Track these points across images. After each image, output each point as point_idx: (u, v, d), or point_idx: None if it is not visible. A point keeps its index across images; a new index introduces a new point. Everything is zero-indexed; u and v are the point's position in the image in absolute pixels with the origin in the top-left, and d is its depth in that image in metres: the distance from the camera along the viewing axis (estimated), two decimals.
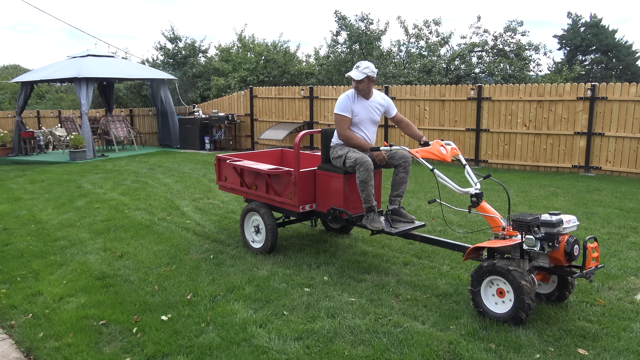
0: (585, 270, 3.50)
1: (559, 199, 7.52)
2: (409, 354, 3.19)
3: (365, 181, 4.44)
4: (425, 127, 11.56)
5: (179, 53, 21.94)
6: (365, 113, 4.75)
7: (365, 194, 4.50)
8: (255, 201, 5.29)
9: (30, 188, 9.17)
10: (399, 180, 4.67)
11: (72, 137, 13.36)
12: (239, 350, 3.28)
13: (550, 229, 3.48)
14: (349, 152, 4.61)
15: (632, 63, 32.90)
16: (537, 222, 3.54)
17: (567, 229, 3.56)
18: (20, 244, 5.70)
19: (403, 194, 4.73)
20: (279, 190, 5.01)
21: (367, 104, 4.76)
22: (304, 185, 4.84)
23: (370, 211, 4.53)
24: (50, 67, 14.76)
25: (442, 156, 4.25)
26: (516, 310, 3.46)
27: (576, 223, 3.66)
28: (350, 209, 4.71)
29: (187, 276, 4.57)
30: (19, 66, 43.76)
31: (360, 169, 4.44)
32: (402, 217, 4.67)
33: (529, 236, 3.51)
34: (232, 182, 5.61)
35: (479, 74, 17.08)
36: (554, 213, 3.55)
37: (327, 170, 4.82)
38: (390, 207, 4.73)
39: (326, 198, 4.86)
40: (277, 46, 20.56)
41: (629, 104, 9.21)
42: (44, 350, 3.39)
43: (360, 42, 18.01)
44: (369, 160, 4.46)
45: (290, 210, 4.98)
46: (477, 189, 4.01)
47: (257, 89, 14.71)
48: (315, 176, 4.94)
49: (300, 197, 4.83)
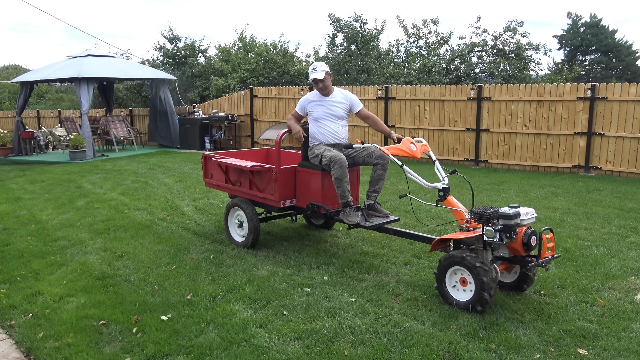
0: (541, 259, 3.73)
1: (559, 199, 7.52)
2: (409, 354, 3.19)
3: (340, 178, 4.67)
4: (425, 127, 11.56)
5: (178, 53, 21.95)
6: (322, 110, 5.05)
7: (341, 190, 4.72)
8: (239, 197, 5.52)
9: (30, 188, 9.17)
10: (376, 177, 4.90)
11: (72, 137, 13.36)
12: (239, 350, 3.28)
13: (507, 221, 3.67)
14: (325, 151, 4.85)
15: (632, 63, 32.90)
16: (496, 214, 3.72)
17: (524, 221, 3.75)
18: (20, 244, 5.70)
19: (380, 190, 4.95)
20: (261, 186, 5.24)
21: (326, 101, 5.07)
22: (284, 182, 5.08)
23: (346, 206, 4.75)
24: (50, 67, 14.76)
25: (412, 153, 4.49)
26: (477, 298, 3.65)
27: (534, 215, 3.84)
28: (328, 204, 4.94)
29: (187, 276, 4.57)
30: (19, 66, 43.76)
31: (334, 167, 4.67)
32: (377, 212, 4.88)
33: (489, 228, 3.67)
34: (218, 179, 5.83)
35: (479, 74, 17.08)
36: (513, 206, 3.74)
37: (306, 167, 5.06)
38: (367, 202, 4.93)
39: (306, 194, 5.08)
40: (277, 46, 20.57)
41: (629, 104, 9.21)
42: (44, 350, 3.39)
43: (356, 43, 18.01)
44: (343, 158, 4.69)
45: (272, 205, 5.22)
46: (444, 184, 4.22)
47: (257, 89, 14.71)
48: (295, 173, 5.17)
49: (281, 193, 5.05)
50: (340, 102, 5.08)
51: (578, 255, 4.95)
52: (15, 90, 27.25)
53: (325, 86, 5.02)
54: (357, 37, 17.76)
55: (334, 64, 18.62)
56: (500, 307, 3.81)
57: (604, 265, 4.66)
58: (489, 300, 3.63)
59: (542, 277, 4.39)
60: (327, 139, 5.03)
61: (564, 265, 4.69)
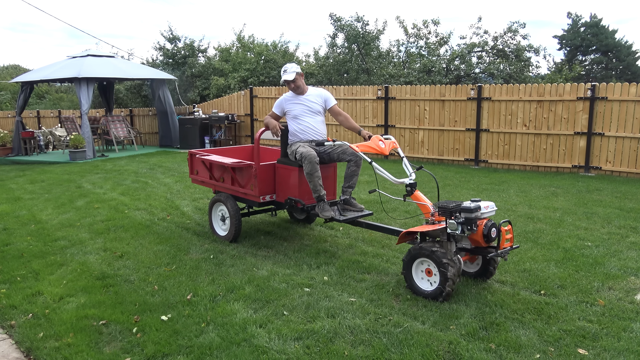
0: (500, 250, 3.95)
1: (559, 199, 7.52)
2: (409, 354, 3.19)
3: (311, 173, 4.87)
4: (425, 127, 11.56)
5: (178, 53, 21.95)
6: (300, 107, 5.29)
7: (313, 185, 4.92)
8: (222, 192, 5.73)
9: (30, 188, 9.17)
10: (350, 173, 5.13)
11: (72, 137, 13.36)
12: (239, 350, 3.28)
13: (469, 214, 3.86)
14: (298, 147, 5.06)
15: (632, 63, 32.89)
16: (458, 208, 3.91)
17: (485, 214, 3.96)
18: (20, 244, 5.70)
19: (354, 186, 5.19)
20: (243, 182, 5.43)
21: (302, 99, 5.31)
22: (264, 178, 5.28)
23: (320, 200, 4.94)
24: (50, 67, 14.76)
25: (380, 150, 4.65)
26: (441, 287, 3.85)
27: (494, 209, 4.05)
28: (305, 199, 5.14)
29: (187, 276, 4.57)
30: (19, 66, 43.77)
31: (305, 162, 4.88)
32: (352, 207, 5.11)
33: (452, 221, 3.87)
34: (203, 175, 6.05)
35: (479, 74, 17.08)
36: (474, 200, 3.95)
37: (284, 163, 5.26)
38: (342, 197, 5.18)
39: (284, 189, 5.29)
40: (277, 46, 20.56)
41: (629, 104, 9.21)
42: (44, 350, 3.39)
43: (357, 43, 18.01)
44: (313, 154, 4.88)
45: (252, 200, 5.43)
46: (411, 179, 4.40)
47: (257, 89, 14.71)
48: (274, 169, 5.37)
49: (261, 188, 5.26)
50: (316, 98, 5.33)
51: (578, 255, 4.95)
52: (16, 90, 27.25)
53: (297, 86, 5.28)
54: (358, 37, 17.76)
55: (334, 64, 18.62)
56: (500, 307, 3.81)
57: (604, 265, 4.66)
58: (451, 291, 3.85)
59: (542, 277, 4.40)
60: (307, 136, 5.22)
61: (564, 265, 4.69)
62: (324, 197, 4.94)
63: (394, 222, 6.04)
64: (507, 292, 4.09)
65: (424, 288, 4.01)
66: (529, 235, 5.65)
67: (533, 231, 5.79)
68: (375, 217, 6.03)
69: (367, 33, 17.83)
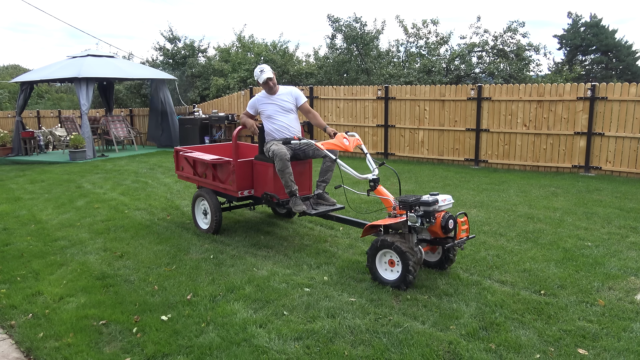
0: (457, 240, 4.21)
1: (559, 199, 7.52)
2: (409, 354, 3.19)
3: (282, 170, 5.08)
4: (425, 127, 11.56)
5: (177, 53, 21.95)
6: (273, 106, 5.51)
7: (284, 181, 5.13)
8: (204, 188, 6.02)
9: (30, 188, 9.17)
10: (325, 169, 5.41)
11: (72, 137, 13.36)
12: (239, 350, 3.28)
13: (427, 207, 4.09)
14: (271, 145, 5.26)
15: (632, 63, 32.89)
16: (417, 201, 4.14)
17: (442, 207, 4.21)
18: (20, 244, 5.70)
19: (328, 181, 5.44)
20: (222, 178, 5.71)
21: (274, 98, 5.54)
22: (242, 173, 5.54)
23: (292, 195, 5.15)
24: (50, 67, 14.75)
25: (344, 147, 4.86)
26: (403, 277, 4.08)
27: (451, 202, 4.30)
28: (280, 194, 5.34)
29: (187, 276, 4.57)
30: (19, 66, 43.77)
31: (276, 160, 5.09)
32: (325, 201, 5.38)
33: (411, 214, 4.11)
34: (187, 171, 6.34)
35: (479, 74, 17.07)
36: (433, 194, 4.20)
37: (261, 160, 5.50)
38: (316, 191, 5.44)
39: (261, 184, 5.54)
40: (277, 46, 20.55)
41: (629, 104, 9.21)
42: (44, 350, 3.39)
43: (356, 44, 18.00)
44: (284, 152, 5.07)
45: (231, 195, 5.69)
46: (374, 175, 4.59)
47: (257, 89, 14.70)
48: (252, 165, 5.61)
49: (239, 184, 5.52)
50: (287, 97, 5.57)
51: (578, 255, 4.95)
52: (15, 90, 27.24)
53: (275, 84, 5.51)
54: (357, 37, 17.75)
55: (333, 64, 18.61)
56: (500, 307, 3.81)
57: (604, 265, 4.66)
58: (413, 280, 4.09)
59: (542, 277, 4.40)
60: (281, 134, 5.41)
61: (564, 265, 4.69)
62: (296, 192, 5.16)
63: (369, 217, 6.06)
64: (507, 292, 4.09)
65: (387, 278, 4.23)
66: (529, 235, 5.65)
67: (533, 231, 5.79)
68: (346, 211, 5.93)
69: (366, 33, 17.82)
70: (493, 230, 5.83)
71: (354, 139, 4.99)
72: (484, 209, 6.85)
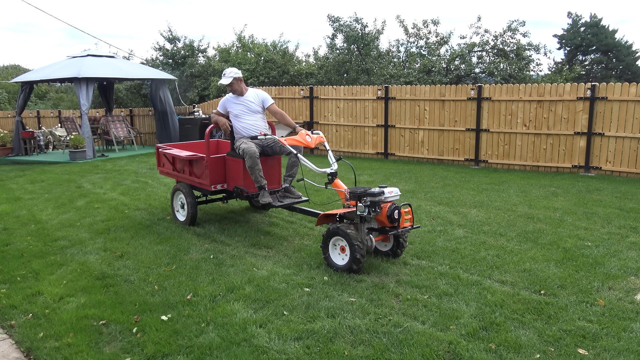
0: (400, 229, 4.53)
1: (559, 199, 7.52)
2: (409, 354, 3.19)
3: (252, 166, 5.47)
4: (425, 127, 11.56)
5: (177, 53, 21.95)
6: (240, 107, 5.91)
7: (254, 176, 5.51)
8: (182, 182, 6.40)
9: (30, 188, 9.17)
10: (290, 164, 5.78)
11: (72, 137, 13.36)
12: (239, 350, 3.28)
13: (373, 198, 4.42)
14: (241, 143, 5.64)
15: (632, 63, 32.90)
16: (365, 193, 4.47)
17: (389, 198, 4.52)
18: (20, 244, 5.70)
19: (294, 175, 5.82)
20: (198, 173, 6.08)
21: (242, 100, 5.93)
22: (214, 169, 5.91)
23: (261, 189, 5.53)
24: (50, 67, 14.75)
25: (306, 143, 5.21)
26: (351, 262, 4.39)
27: (398, 194, 4.63)
28: (250, 188, 5.75)
29: (187, 276, 4.57)
30: (19, 66, 43.80)
31: (246, 157, 5.47)
32: (291, 194, 5.78)
33: (360, 204, 4.42)
34: (167, 167, 6.73)
35: (479, 74, 17.07)
36: (381, 186, 4.53)
37: (232, 156, 5.86)
38: (283, 185, 5.82)
39: (233, 179, 5.91)
40: (277, 46, 20.55)
41: (629, 104, 9.21)
42: (44, 350, 3.39)
43: (357, 44, 17.99)
44: (253, 149, 5.46)
45: (206, 189, 6.06)
46: (332, 169, 4.95)
47: None
48: (225, 161, 5.97)
49: (212, 178, 5.90)
50: (254, 99, 5.96)
51: (578, 255, 4.95)
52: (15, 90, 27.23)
53: (234, 89, 5.91)
54: (357, 38, 17.75)
55: (333, 64, 18.61)
56: (500, 307, 3.81)
57: (604, 265, 4.66)
58: (361, 265, 4.41)
59: (542, 277, 4.40)
60: (247, 132, 5.84)
61: (564, 265, 4.69)
62: (265, 186, 5.53)
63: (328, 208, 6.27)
64: (507, 292, 4.09)
65: (338, 263, 4.56)
66: (529, 235, 5.65)
67: (533, 231, 5.79)
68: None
69: (367, 34, 17.82)
70: (493, 230, 5.83)
71: (317, 137, 5.33)
72: (484, 209, 6.85)
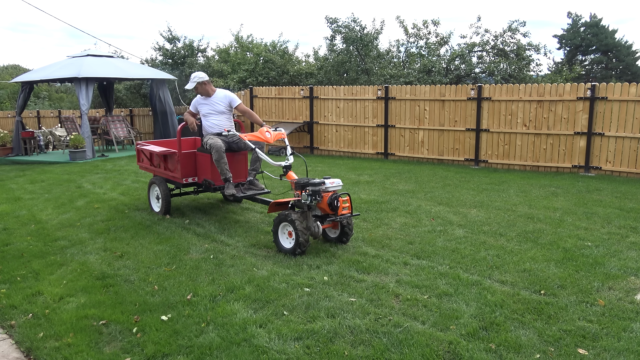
0: (338, 216, 5.02)
1: (559, 198, 7.51)
2: (409, 354, 3.19)
3: (218, 160, 5.97)
4: (425, 127, 11.56)
5: (177, 53, 21.95)
6: (207, 108, 6.44)
7: (220, 169, 6.03)
8: (157, 176, 6.92)
9: (30, 188, 9.17)
10: (254, 159, 6.26)
11: (72, 137, 13.36)
12: (239, 350, 3.28)
13: (314, 188, 4.89)
14: (208, 139, 6.16)
15: (632, 63, 32.91)
16: (307, 183, 4.96)
17: (330, 188, 5.01)
18: (20, 244, 5.70)
19: (258, 169, 6.35)
20: (171, 167, 6.61)
21: (210, 101, 6.44)
22: (185, 163, 6.46)
23: (226, 181, 6.04)
24: (50, 67, 14.75)
25: (265, 139, 5.65)
26: (296, 246, 4.87)
27: (340, 184, 5.11)
28: (217, 181, 6.30)
29: (187, 276, 4.56)
30: (19, 66, 43.79)
31: (213, 151, 5.99)
32: (254, 186, 6.30)
33: (304, 194, 4.92)
34: (146, 162, 7.25)
35: (479, 74, 17.07)
36: (325, 177, 5.04)
37: (201, 151, 6.41)
38: (248, 178, 6.33)
39: (202, 173, 6.46)
40: (276, 46, 20.55)
41: (629, 104, 9.21)
42: (44, 350, 3.39)
43: (355, 44, 17.99)
44: (219, 144, 5.97)
45: (178, 182, 6.58)
46: (287, 163, 5.40)
47: (257, 89, 14.70)
48: (195, 156, 6.53)
49: (183, 172, 6.44)
50: (221, 100, 6.43)
51: (578, 255, 4.95)
52: (15, 90, 27.22)
53: (200, 93, 6.44)
54: (356, 38, 17.74)
55: (333, 65, 18.61)
56: (500, 307, 3.81)
57: (604, 265, 4.66)
58: (305, 248, 4.90)
59: (542, 277, 4.40)
60: (212, 130, 6.39)
61: (564, 265, 4.69)
62: (230, 179, 6.04)
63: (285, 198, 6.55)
64: (507, 292, 4.09)
65: (285, 246, 5.05)
66: (529, 235, 5.65)
67: (533, 231, 5.79)
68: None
69: (365, 34, 17.81)
70: (493, 230, 5.83)
71: (277, 133, 5.76)
72: (484, 209, 6.85)
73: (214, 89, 6.51)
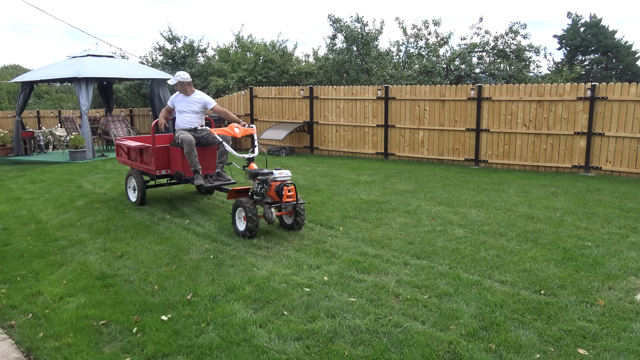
0: (282, 203, 5.50)
1: (559, 199, 7.51)
2: (409, 354, 3.19)
3: (189, 153, 6.56)
4: (425, 127, 11.56)
5: (177, 53, 21.95)
6: (183, 106, 6.97)
7: (191, 161, 6.59)
8: (134, 169, 7.48)
9: (30, 188, 9.17)
10: (221, 152, 6.86)
11: (72, 137, 13.35)
12: (239, 350, 3.28)
13: (263, 177, 5.50)
14: (180, 134, 6.73)
15: (632, 63, 32.91)
16: (257, 173, 5.52)
17: (278, 178, 5.55)
18: (20, 244, 5.70)
19: (225, 162, 6.91)
20: (147, 160, 7.19)
21: (187, 99, 6.98)
22: (159, 156, 7.02)
23: (196, 172, 6.61)
24: (50, 67, 14.74)
25: (234, 134, 6.10)
26: (247, 229, 5.48)
27: (289, 175, 5.65)
28: (187, 172, 6.86)
29: (187, 276, 4.57)
30: (19, 66, 43.79)
31: (184, 145, 6.57)
32: (222, 177, 6.85)
33: (255, 182, 5.54)
34: (124, 157, 7.83)
35: (479, 74, 17.07)
36: (276, 169, 5.61)
37: (174, 145, 6.96)
38: (216, 170, 6.90)
39: (174, 165, 7.03)
40: (276, 46, 20.55)
41: (629, 104, 9.21)
42: (44, 350, 3.39)
43: (357, 44, 17.99)
44: (190, 138, 6.58)
45: (152, 174, 7.12)
46: (250, 155, 5.95)
47: (257, 89, 14.70)
48: (168, 150, 7.09)
49: (156, 164, 7.01)
50: (197, 101, 6.97)
51: (578, 255, 4.95)
52: (15, 90, 27.23)
53: (180, 91, 6.95)
54: (357, 38, 17.74)
55: (333, 64, 18.61)
56: (500, 307, 3.81)
57: (604, 265, 4.66)
58: (253, 230, 5.46)
59: (542, 277, 4.40)
60: (184, 126, 6.92)
61: (564, 265, 4.69)
62: (199, 170, 6.62)
63: None
64: (507, 292, 4.09)
65: (240, 228, 5.65)
66: (529, 235, 5.65)
67: (533, 231, 5.79)
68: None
69: (366, 33, 17.81)
70: (493, 230, 5.83)
71: (246, 129, 6.21)
72: (484, 209, 6.85)
73: (194, 90, 7.05)
